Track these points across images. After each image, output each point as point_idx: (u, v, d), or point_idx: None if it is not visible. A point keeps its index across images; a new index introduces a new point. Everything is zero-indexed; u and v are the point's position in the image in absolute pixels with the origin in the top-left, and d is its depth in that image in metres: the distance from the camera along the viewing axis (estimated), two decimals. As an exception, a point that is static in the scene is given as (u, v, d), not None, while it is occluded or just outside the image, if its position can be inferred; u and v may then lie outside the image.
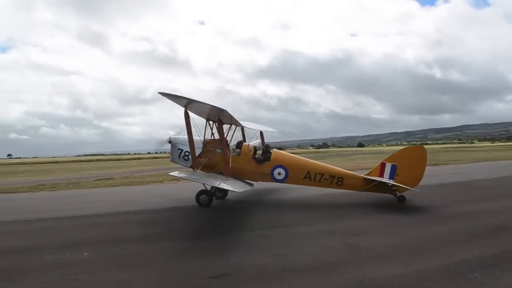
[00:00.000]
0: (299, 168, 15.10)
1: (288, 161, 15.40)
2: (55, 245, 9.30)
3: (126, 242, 9.49)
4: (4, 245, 9.56)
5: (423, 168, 14.22)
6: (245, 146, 15.74)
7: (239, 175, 15.12)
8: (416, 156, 14.43)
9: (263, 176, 15.35)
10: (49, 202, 17.61)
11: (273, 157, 15.30)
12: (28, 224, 12.31)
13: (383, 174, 14.51)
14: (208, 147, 15.02)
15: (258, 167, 15.23)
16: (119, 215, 13.36)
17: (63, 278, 6.92)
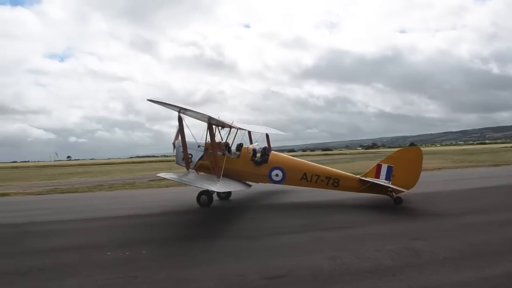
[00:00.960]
0: (296, 169, 15.35)
1: (285, 163, 15.73)
2: (115, 243, 9.69)
3: (182, 241, 9.72)
4: (68, 243, 10.09)
5: (419, 170, 14.14)
6: (244, 149, 16.16)
7: (238, 176, 15.57)
8: (412, 157, 14.39)
9: (261, 177, 15.71)
10: (107, 202, 18.45)
11: (271, 159, 15.64)
12: (89, 222, 12.96)
13: (379, 175, 14.43)
14: (209, 150, 15.26)
15: (256, 169, 15.62)
16: (173, 215, 13.76)
17: (123, 275, 7.14)
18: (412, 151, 15.23)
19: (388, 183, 14.01)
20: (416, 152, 14.77)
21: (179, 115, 13.83)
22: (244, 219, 12.53)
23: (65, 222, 13.08)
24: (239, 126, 16.81)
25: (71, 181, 36.13)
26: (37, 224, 12.90)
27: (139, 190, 23.37)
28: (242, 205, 15.35)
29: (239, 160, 15.79)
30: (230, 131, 16.35)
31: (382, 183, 14.08)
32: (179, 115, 13.84)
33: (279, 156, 16.16)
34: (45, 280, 7.08)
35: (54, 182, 35.04)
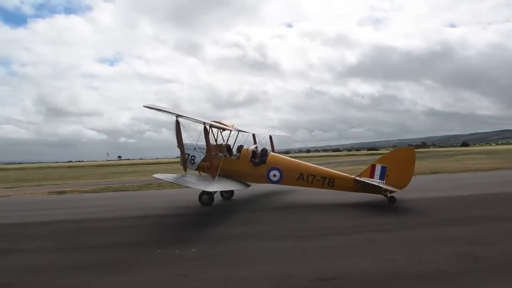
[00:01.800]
0: (293, 170, 15.78)
1: (282, 163, 16.21)
2: (165, 240, 9.90)
3: (231, 240, 9.74)
4: (121, 239, 10.44)
5: (412, 170, 14.47)
6: (244, 150, 16.75)
7: (238, 176, 16.19)
8: (406, 158, 14.66)
9: (259, 177, 16.22)
10: (156, 200, 18.97)
11: (269, 160, 16.18)
12: (140, 220, 13.36)
13: (373, 175, 14.73)
14: (213, 152, 15.80)
15: (255, 169, 16.16)
16: (220, 214, 13.89)
17: (173, 272, 7.25)
18: (406, 152, 15.37)
19: (381, 183, 14.27)
20: (409, 153, 15.02)
21: (176, 120, 14.52)
22: (290, 220, 12.40)
23: (118, 219, 13.57)
24: (241, 129, 17.68)
25: (122, 180, 37.56)
26: (91, 221, 13.51)
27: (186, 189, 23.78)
28: (285, 205, 15.24)
29: (239, 161, 16.44)
30: (230, 133, 17.00)
31: (374, 183, 14.35)
32: (176, 120, 14.52)
33: (277, 157, 16.64)
34: (99, 275, 7.32)
35: (106, 180, 36.64)
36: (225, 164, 15.93)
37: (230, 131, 16.95)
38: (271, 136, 19.89)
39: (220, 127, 16.66)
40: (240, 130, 17.66)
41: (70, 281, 7.00)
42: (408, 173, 14.41)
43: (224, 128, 16.72)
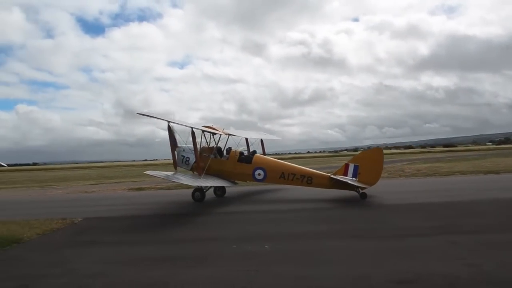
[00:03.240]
0: (275, 169, 17.28)
1: (266, 163, 17.76)
2: (240, 236, 10.19)
3: (305, 239, 9.71)
4: (199, 234, 10.97)
5: (381, 168, 16.04)
6: (232, 152, 18.38)
7: (228, 175, 17.85)
8: (375, 157, 16.19)
9: (246, 176, 17.94)
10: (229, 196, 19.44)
11: (254, 161, 17.75)
12: (216, 216, 13.98)
13: (347, 173, 16.06)
14: (204, 153, 17.90)
15: (242, 169, 17.74)
16: (293, 212, 13.94)
17: (246, 268, 7.38)
18: (375, 152, 17.01)
19: (354, 180, 15.75)
20: (378, 153, 16.64)
21: (168, 125, 16.56)
22: (366, 219, 12.11)
23: (194, 215, 14.24)
24: (231, 133, 19.43)
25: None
26: (169, 216, 14.22)
27: (255, 186, 24.12)
28: (360, 204, 14.85)
29: (228, 161, 18.14)
30: (220, 137, 18.70)
31: (347, 181, 15.80)
32: (168, 125, 16.55)
33: (262, 158, 18.35)
34: (178, 267, 7.69)
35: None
36: (216, 165, 17.87)
37: (220, 135, 18.68)
38: (262, 140, 21.95)
39: (211, 132, 18.36)
40: (230, 134, 19.41)
41: (153, 273, 7.40)
42: (378, 171, 15.96)
43: (214, 132, 18.41)
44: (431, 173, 29.38)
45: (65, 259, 8.65)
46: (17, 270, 7.93)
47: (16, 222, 13.21)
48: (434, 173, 29.26)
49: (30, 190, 31.22)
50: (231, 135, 19.34)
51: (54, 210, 16.95)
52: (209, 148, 18.36)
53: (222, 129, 19.06)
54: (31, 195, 26.16)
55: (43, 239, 10.91)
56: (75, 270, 7.78)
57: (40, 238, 11.05)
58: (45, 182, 40.97)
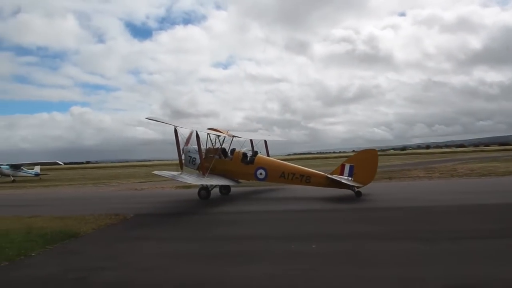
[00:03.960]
0: (276, 169, 18.09)
1: (268, 163, 18.60)
2: (287, 235, 10.12)
3: (348, 239, 9.52)
4: (251, 232, 11.06)
5: (375, 168, 16.84)
6: (236, 153, 19.21)
7: (231, 175, 18.70)
8: (369, 158, 16.89)
9: (248, 175, 18.76)
10: (273, 196, 19.50)
11: (256, 161, 18.60)
12: (269, 214, 14.11)
13: (343, 173, 16.81)
14: (209, 154, 18.80)
15: (245, 169, 18.60)
16: (340, 211, 13.73)
17: (295, 267, 7.28)
18: (369, 153, 17.38)
19: (350, 180, 16.51)
20: (372, 154, 17.21)
21: (175, 129, 17.36)
22: (417, 220, 11.65)
23: (243, 213, 14.43)
24: (235, 135, 20.30)
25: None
26: (219, 213, 14.58)
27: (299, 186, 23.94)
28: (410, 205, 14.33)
29: (232, 162, 18.98)
30: (225, 139, 19.69)
31: (343, 180, 16.54)
32: (175, 129, 17.36)
33: (263, 159, 19.10)
34: (229, 264, 7.75)
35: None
36: (221, 165, 18.75)
37: (224, 137, 19.67)
38: (266, 141, 22.45)
39: (216, 134, 19.32)
40: (234, 135, 20.26)
41: (206, 268, 7.52)
42: (372, 172, 16.75)
43: (219, 134, 19.37)
44: (486, 173, 27.84)
45: (119, 253, 9.01)
46: (76, 262, 8.34)
47: (73, 217, 13.93)
48: (490, 173, 27.70)
49: (85, 187, 32.83)
50: (235, 137, 20.32)
51: (107, 206, 17.68)
52: (214, 149, 19.28)
53: (227, 131, 20.06)
54: (85, 192, 27.48)
55: (98, 234, 11.41)
56: (129, 263, 8.08)
57: (95, 232, 11.56)
58: (97, 180, 42.93)
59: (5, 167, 46.54)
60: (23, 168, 48.97)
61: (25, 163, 50.21)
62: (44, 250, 9.40)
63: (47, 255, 9.05)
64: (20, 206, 19.16)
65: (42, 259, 8.76)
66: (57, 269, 7.84)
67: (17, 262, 8.43)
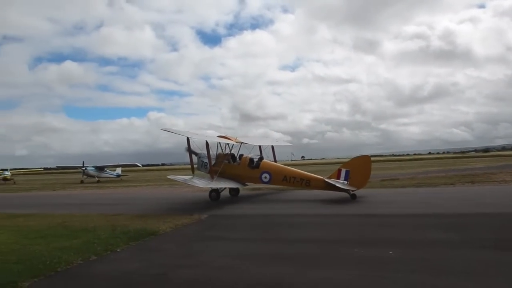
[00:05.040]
0: (279, 173, 19.48)
1: (272, 168, 20.00)
2: (361, 240, 9.85)
3: (431, 246, 8.95)
4: (311, 235, 10.93)
5: (368, 173, 17.98)
6: (243, 158, 20.62)
7: (239, 178, 20.13)
8: (363, 163, 18.11)
9: (254, 179, 20.07)
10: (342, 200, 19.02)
11: (262, 165, 19.98)
12: (330, 218, 13.73)
13: (339, 177, 18.01)
14: (220, 159, 20.43)
15: (251, 173, 19.98)
16: (414, 217, 13.02)
17: (371, 274, 7.07)
18: (363, 159, 18.66)
19: (346, 184, 17.72)
20: (366, 160, 18.52)
21: (187, 139, 19.71)
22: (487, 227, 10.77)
23: (308, 216, 14.31)
24: (244, 141, 21.71)
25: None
26: (286, 216, 14.54)
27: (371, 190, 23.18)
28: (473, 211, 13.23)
29: (240, 166, 20.43)
30: (233, 145, 21.17)
31: (338, 184, 17.71)
32: (187, 139, 19.71)
33: (268, 163, 20.47)
34: (300, 267, 7.70)
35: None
36: (230, 169, 20.24)
37: (233, 144, 21.16)
38: (273, 146, 23.71)
39: (225, 141, 20.84)
40: (243, 142, 21.61)
41: (277, 270, 7.58)
42: (366, 176, 17.96)
43: (228, 142, 20.87)
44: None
45: (196, 252, 9.37)
46: (156, 259, 8.83)
47: (151, 216, 14.80)
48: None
49: (161, 187, 34.60)
50: (244, 143, 21.75)
51: (182, 206, 18.57)
52: (225, 154, 20.83)
53: (235, 138, 21.73)
54: (162, 192, 28.99)
55: (175, 233, 11.98)
56: (205, 262, 8.37)
57: (173, 231, 12.15)
58: (173, 181, 44.97)
59: (91, 169, 50.62)
60: (106, 170, 52.85)
61: (108, 165, 54.14)
62: (128, 247, 10.08)
63: (130, 251, 9.70)
64: (105, 204, 20.72)
65: (126, 254, 9.40)
66: (140, 264, 8.37)
67: (105, 257, 9.13)
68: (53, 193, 32.55)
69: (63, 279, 7.59)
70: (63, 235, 11.64)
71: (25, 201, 25.88)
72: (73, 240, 10.75)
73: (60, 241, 10.62)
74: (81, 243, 10.29)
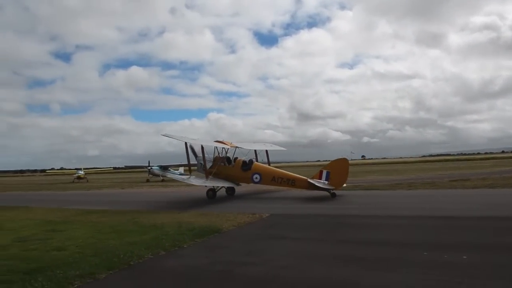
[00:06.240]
0: (268, 174, 21.69)
1: (262, 170, 22.27)
2: (430, 243, 9.34)
3: (509, 252, 8.34)
4: (383, 237, 10.50)
5: (346, 174, 20.21)
6: (237, 161, 23.00)
7: (233, 179, 22.52)
8: (341, 165, 20.32)
9: (246, 179, 22.25)
10: (409, 201, 18.26)
11: (253, 167, 22.24)
12: (397, 219, 13.15)
13: (321, 178, 20.02)
14: (216, 161, 23.01)
15: (243, 174, 22.34)
16: (491, 220, 12.15)
17: (445, 278, 6.69)
18: (341, 162, 20.40)
19: (326, 184, 19.65)
20: (344, 162, 20.31)
21: (185, 144, 21.51)
22: None
23: (374, 217, 13.79)
24: (238, 145, 24.07)
25: (369, 178, 37.97)
26: (349, 216, 14.15)
27: (440, 190, 22.03)
28: None
29: (233, 168, 22.79)
30: (228, 149, 23.46)
31: (320, 185, 19.71)
32: (185, 144, 21.51)
33: (259, 165, 22.82)
34: (367, 269, 7.49)
35: (354, 179, 37.69)
36: (225, 170, 22.75)
37: (228, 148, 23.42)
38: (267, 151, 26.07)
39: (221, 146, 23.19)
40: (238, 146, 23.96)
41: (341, 271, 7.44)
42: (344, 177, 20.03)
43: (223, 146, 23.19)
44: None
45: (260, 250, 9.44)
46: (221, 256, 9.03)
47: (214, 214, 15.18)
48: None
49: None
50: (238, 148, 23.96)
51: (244, 205, 18.83)
52: (221, 157, 23.27)
53: (230, 143, 23.98)
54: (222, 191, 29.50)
55: (238, 231, 12.17)
56: (269, 261, 8.41)
57: (236, 229, 12.35)
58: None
59: (156, 168, 52.94)
60: (170, 169, 55.01)
61: (172, 164, 56.28)
62: (194, 243, 10.40)
63: (196, 248, 10.00)
64: (170, 202, 21.59)
65: (192, 251, 9.70)
66: (206, 261, 8.60)
67: (172, 252, 9.50)
68: (122, 191, 34.46)
69: (136, 272, 7.99)
70: (133, 231, 12.29)
71: (97, 198, 27.65)
72: (143, 235, 11.31)
73: (131, 237, 11.22)
74: (150, 238, 10.79)
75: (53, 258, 9.02)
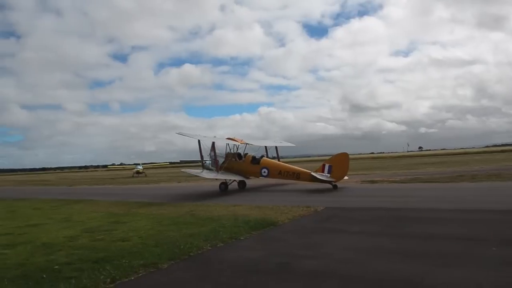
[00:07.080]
0: (276, 168, 23.63)
1: (270, 164, 24.08)
2: (500, 238, 8.76)
3: None
4: (446, 231, 9.99)
5: (347, 167, 21.74)
6: (247, 156, 24.83)
7: (243, 173, 24.33)
8: (342, 159, 21.84)
9: (255, 173, 24.19)
10: (474, 193, 17.30)
11: (261, 162, 24.16)
12: (462, 213, 12.49)
13: (324, 171, 21.71)
14: (228, 157, 24.82)
15: (253, 168, 24.23)
16: None
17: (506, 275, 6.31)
18: (342, 156, 22.05)
19: (328, 177, 21.30)
20: (344, 156, 22.00)
21: (198, 141, 23.16)
22: None
23: (436, 211, 13.15)
24: (249, 142, 26.35)
25: (428, 171, 36.38)
26: (409, 210, 13.62)
27: (508, 182, 20.61)
28: None
29: (244, 163, 24.64)
30: (239, 146, 25.67)
31: (322, 178, 21.38)
32: (198, 141, 23.16)
33: (267, 160, 24.51)
34: (431, 265, 7.16)
35: (412, 171, 36.34)
36: (236, 165, 24.52)
37: (239, 145, 25.62)
38: (277, 147, 27.60)
39: (233, 142, 25.34)
40: (248, 143, 26.11)
41: (403, 266, 7.15)
42: (345, 170, 21.54)
43: (235, 143, 25.36)
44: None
45: (316, 243, 9.34)
46: (278, 249, 9.04)
47: (269, 207, 15.24)
48: None
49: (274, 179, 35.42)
50: (249, 144, 26.08)
51: (297, 198, 18.77)
52: (232, 153, 25.10)
53: (241, 140, 26.10)
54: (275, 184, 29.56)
55: (294, 224, 12.12)
56: (327, 254, 8.30)
57: (291, 222, 12.32)
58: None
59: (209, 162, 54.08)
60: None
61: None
62: (250, 236, 10.51)
63: (252, 240, 10.09)
64: (223, 195, 22.04)
65: (249, 243, 9.81)
66: (263, 253, 8.65)
67: (230, 244, 9.66)
68: (178, 185, 35.65)
69: (196, 262, 8.22)
70: (191, 223, 12.64)
71: (156, 192, 28.78)
72: (200, 227, 11.59)
73: (190, 228, 11.55)
74: (208, 230, 11.04)
75: (118, 248, 9.49)
